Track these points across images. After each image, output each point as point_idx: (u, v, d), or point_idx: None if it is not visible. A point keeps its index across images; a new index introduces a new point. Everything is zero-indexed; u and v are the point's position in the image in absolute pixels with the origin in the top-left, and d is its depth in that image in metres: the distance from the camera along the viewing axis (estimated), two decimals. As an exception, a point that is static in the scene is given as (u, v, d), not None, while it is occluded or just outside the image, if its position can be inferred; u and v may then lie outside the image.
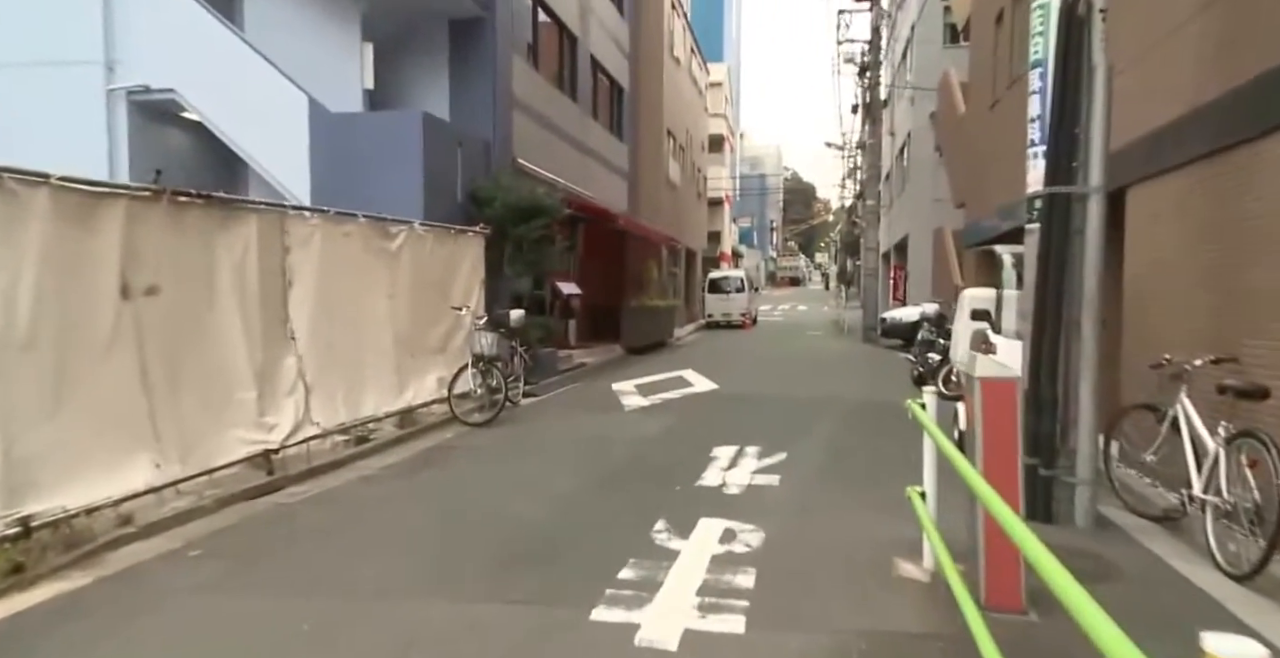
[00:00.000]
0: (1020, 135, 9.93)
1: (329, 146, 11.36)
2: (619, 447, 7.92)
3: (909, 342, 21.34)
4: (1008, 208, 13.06)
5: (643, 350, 18.95)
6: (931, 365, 12.73)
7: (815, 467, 7.08)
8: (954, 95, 17.39)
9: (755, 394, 11.88)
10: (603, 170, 20.47)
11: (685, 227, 30.81)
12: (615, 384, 12.71)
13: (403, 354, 8.59)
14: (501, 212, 12.41)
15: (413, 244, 8.81)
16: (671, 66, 26.76)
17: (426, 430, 8.62)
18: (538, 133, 15.69)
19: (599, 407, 10.58)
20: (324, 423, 7.16)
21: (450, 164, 12.23)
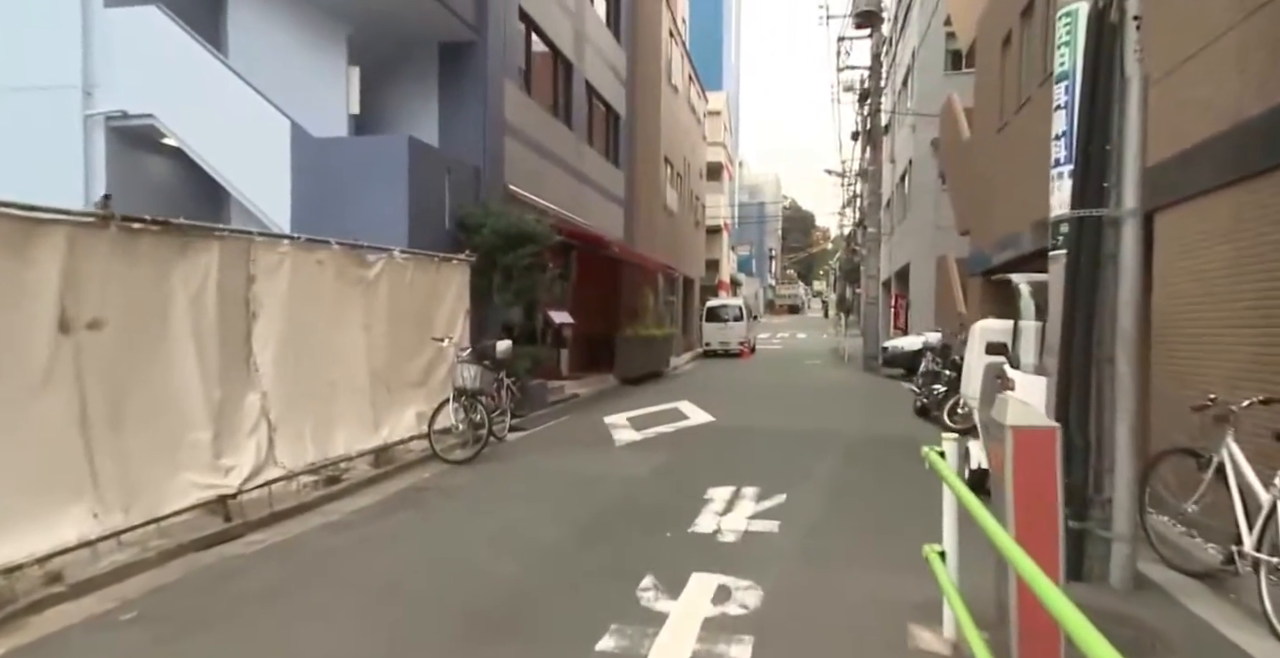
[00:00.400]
0: (1031, 159, 9.52)
1: (312, 172, 10.97)
2: (607, 487, 7.39)
3: (911, 371, 20.85)
4: (1007, 239, 12.66)
5: (638, 381, 18.44)
6: (936, 397, 12.23)
7: (817, 510, 6.56)
8: (958, 121, 17.08)
9: (753, 427, 11.36)
10: (598, 197, 20.12)
11: (683, 254, 30.45)
12: (607, 417, 12.19)
13: (379, 388, 8.10)
14: (490, 239, 11.99)
15: (392, 272, 8.35)
16: (669, 94, 26.57)
17: (404, 469, 8.09)
18: (531, 159, 15.33)
19: (588, 442, 10.06)
20: (290, 464, 6.64)
21: (438, 190, 11.84)
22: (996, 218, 13.16)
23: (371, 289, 8.05)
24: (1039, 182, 10.87)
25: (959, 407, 11.41)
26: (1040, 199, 10.57)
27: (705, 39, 55.71)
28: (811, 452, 9.36)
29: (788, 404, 14.69)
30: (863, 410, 13.93)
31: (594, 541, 5.73)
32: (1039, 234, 10.46)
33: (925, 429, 11.44)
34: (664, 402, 14.33)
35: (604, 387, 16.78)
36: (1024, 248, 11.40)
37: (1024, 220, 11.26)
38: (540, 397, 12.90)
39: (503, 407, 10.06)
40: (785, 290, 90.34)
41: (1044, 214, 10.27)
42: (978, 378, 7.13)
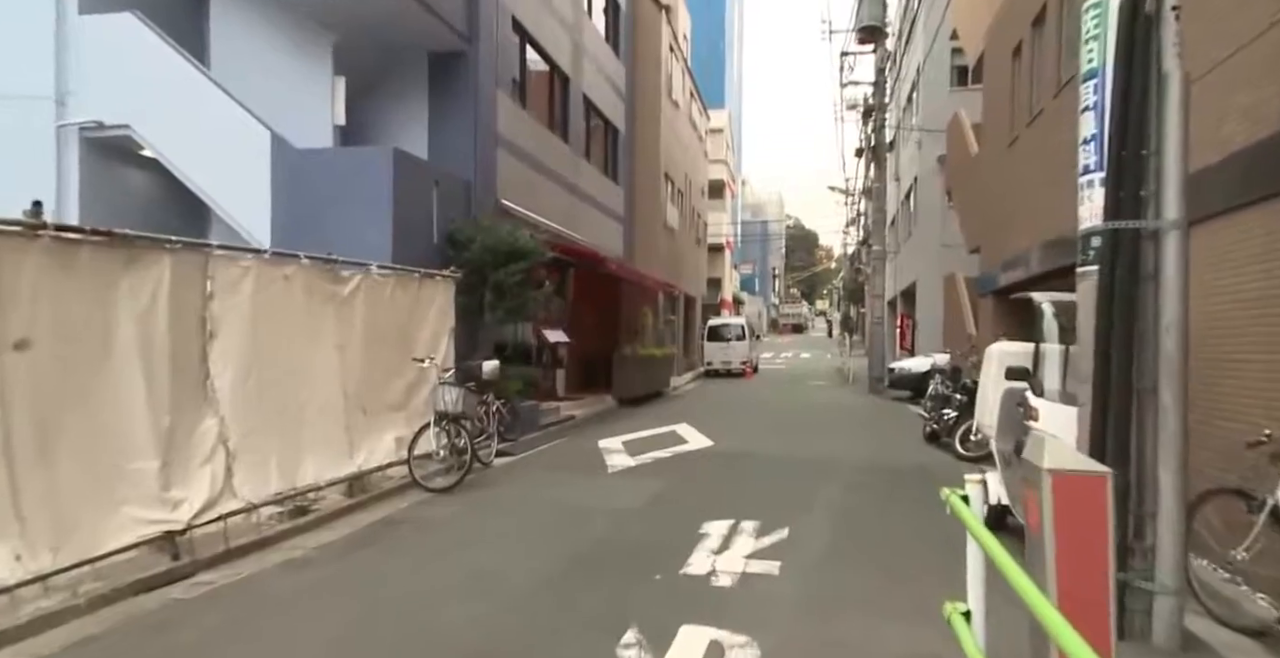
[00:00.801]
0: (1045, 174, 9.04)
1: (292, 185, 10.53)
2: (596, 520, 6.85)
3: (918, 394, 20.29)
4: (1020, 256, 12.17)
5: (637, 402, 17.91)
6: (947, 423, 11.69)
7: (822, 549, 6.01)
8: (965, 136, 16.65)
9: (754, 453, 10.82)
10: (596, 214, 19.70)
11: (684, 272, 30.01)
12: (602, 441, 11.66)
13: (354, 412, 7.59)
14: (480, 254, 11.54)
15: (369, 289, 7.87)
16: (670, 110, 26.23)
17: (380, 498, 7.56)
18: (525, 173, 14.91)
19: (580, 468, 9.52)
20: (250, 495, 6.12)
21: (425, 204, 11.39)
22: (1009, 235, 12.68)
23: (346, 306, 7.56)
24: (1054, 197, 10.37)
25: (971, 433, 10.86)
26: (1055, 215, 10.06)
27: (708, 56, 55.64)
28: (815, 481, 8.82)
29: (790, 428, 14.15)
30: (869, 435, 13.38)
31: (575, 584, 5.19)
32: (1052, 252, 9.97)
33: (935, 457, 10.90)
34: (662, 425, 13.79)
35: (601, 408, 16.26)
36: (1035, 268, 10.91)
37: (1038, 237, 10.79)
38: (532, 419, 12.38)
39: (489, 431, 9.54)
40: (789, 309, 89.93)
41: (1059, 231, 9.75)
42: (995, 405, 6.61)
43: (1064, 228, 10.03)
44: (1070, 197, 8.73)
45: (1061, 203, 10.13)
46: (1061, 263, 9.93)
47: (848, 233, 52.00)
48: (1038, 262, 10.90)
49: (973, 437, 10.84)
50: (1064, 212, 10.31)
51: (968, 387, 11.57)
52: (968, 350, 13.37)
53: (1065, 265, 9.99)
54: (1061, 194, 10.11)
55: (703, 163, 35.39)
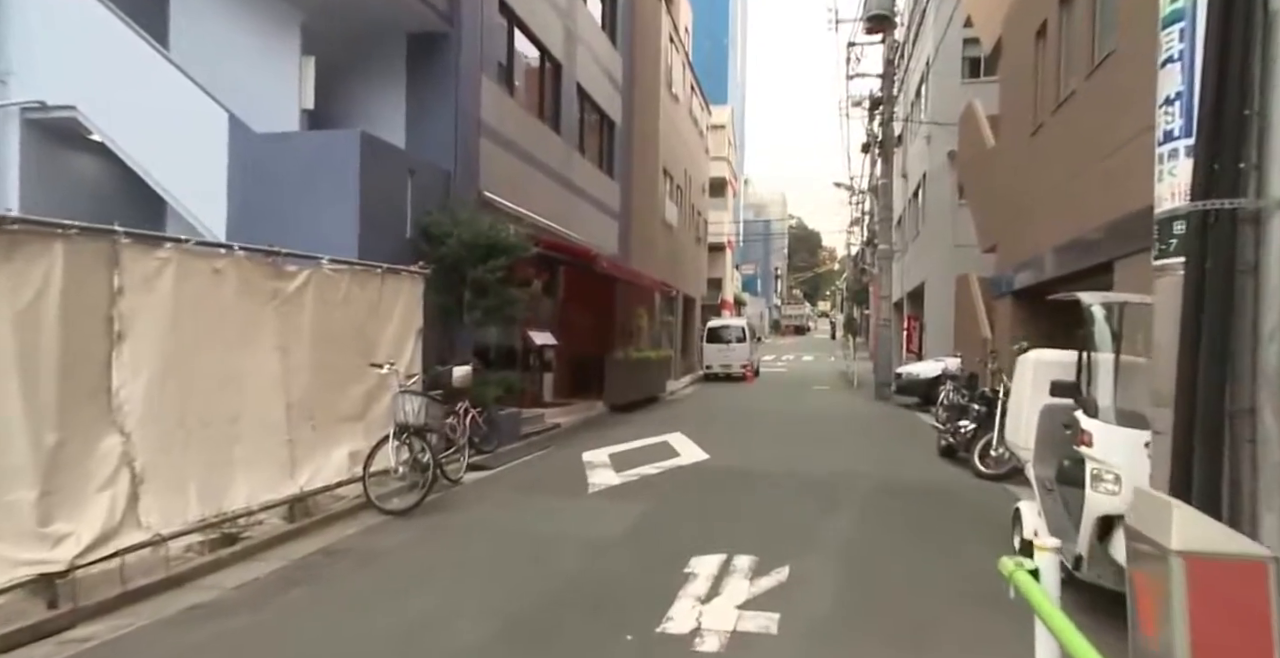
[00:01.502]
0: (1074, 162, 8.13)
1: (251, 174, 9.65)
2: (566, 554, 5.96)
3: (927, 401, 19.36)
4: (1034, 259, 11.28)
5: (629, 408, 17.02)
6: (964, 436, 10.76)
7: (831, 595, 5.11)
8: (981, 128, 15.76)
9: (752, 470, 9.92)
10: (591, 210, 18.81)
11: (683, 272, 29.11)
12: (587, 453, 10.76)
13: (299, 424, 6.70)
14: (457, 249, 10.65)
15: (320, 285, 6.98)
16: (669, 103, 25.34)
17: (326, 523, 6.67)
18: (511, 165, 14.03)
19: (557, 487, 8.63)
20: (160, 524, 5.24)
21: (398, 194, 10.51)
22: (1029, 233, 11.78)
23: (291, 305, 6.67)
24: (1084, 188, 9.49)
25: (992, 448, 9.97)
26: (1084, 209, 9.17)
27: (710, 52, 54.81)
28: (821, 504, 7.92)
29: (793, 439, 13.24)
30: (878, 448, 12.48)
31: (528, 645, 4.30)
32: (1079, 249, 9.07)
33: (952, 475, 10.00)
34: (654, 434, 12.90)
35: (591, 415, 15.37)
36: (1059, 268, 10.02)
37: (1064, 233, 9.90)
38: (513, 429, 11.50)
39: (459, 443, 8.66)
40: (791, 311, 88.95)
41: (1087, 226, 8.86)
42: (1031, 423, 5.71)
43: (1092, 223, 9.16)
44: (1100, 187, 7.86)
45: (1092, 195, 9.26)
46: (1090, 261, 9.04)
47: (851, 232, 51.14)
48: (1064, 260, 10.01)
49: (993, 452, 9.96)
50: (1095, 205, 9.44)
51: (987, 396, 10.67)
52: (986, 356, 12.45)
53: (1095, 264, 9.11)
54: (1091, 185, 9.25)
55: (703, 159, 34.50)
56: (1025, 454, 5.85)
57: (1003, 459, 9.88)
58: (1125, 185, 8.12)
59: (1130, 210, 7.88)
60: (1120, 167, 8.29)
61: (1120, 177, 8.28)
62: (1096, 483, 4.43)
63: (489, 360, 13.50)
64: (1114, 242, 8.36)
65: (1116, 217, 8.27)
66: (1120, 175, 8.28)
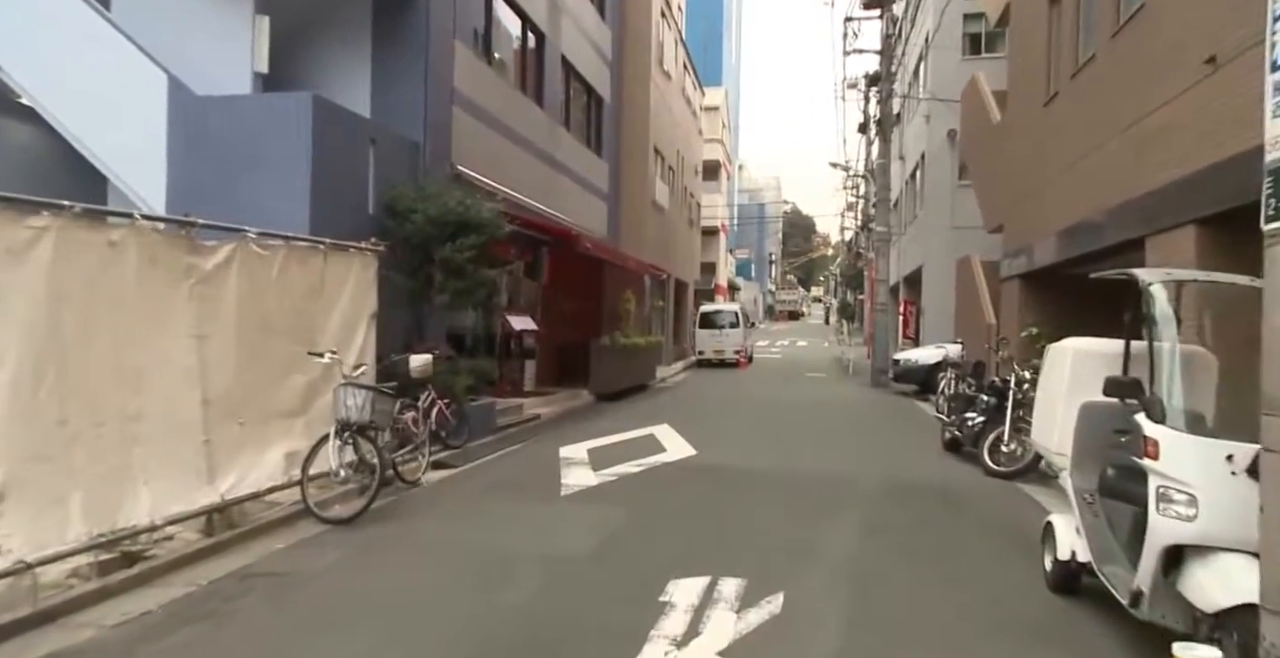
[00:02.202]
0: (1096, 131, 7.29)
1: (194, 140, 8.75)
2: (524, 577, 5.11)
3: (925, 388, 18.57)
4: (1041, 241, 10.43)
5: (616, 396, 16.17)
6: (972, 429, 9.93)
7: (835, 635, 4.27)
8: (985, 103, 14.86)
9: (742, 467, 9.08)
10: (576, 189, 17.89)
11: (675, 255, 28.21)
12: (565, 448, 9.91)
13: (221, 423, 5.82)
14: (423, 227, 9.76)
15: (247, 263, 6.08)
16: (661, 80, 24.35)
17: (252, 536, 5.80)
18: (489, 138, 13.10)
19: (527, 489, 7.78)
20: (25, 547, 4.36)
21: (358, 166, 9.61)
22: (1042, 210, 10.93)
23: (211, 285, 5.77)
24: (1108, 156, 8.60)
25: (1003, 443, 9.16)
26: (1107, 182, 8.30)
27: (705, 34, 53.63)
28: (819, 510, 7.09)
29: (788, 431, 12.40)
30: (878, 441, 11.67)
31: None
32: (1106, 225, 8.21)
33: (961, 472, 9.19)
34: (640, 426, 12.05)
35: (574, 405, 14.53)
36: (1080, 247, 9.17)
37: (1084, 210, 9.04)
38: (486, 421, 10.65)
39: (417, 441, 7.79)
40: (785, 296, 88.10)
41: (1111, 200, 7.99)
42: (1067, 424, 4.86)
43: (1118, 197, 8.31)
44: (1128, 156, 7.00)
45: (1118, 166, 8.41)
46: (1115, 239, 8.19)
47: (846, 217, 50.29)
48: (1083, 238, 9.16)
49: (1004, 447, 9.15)
50: (1122, 176, 8.57)
51: (996, 387, 9.84)
52: (994, 343, 11.61)
53: (1122, 241, 8.25)
54: (1117, 155, 8.39)
55: (696, 141, 33.53)
56: (1059, 460, 5.01)
57: (1015, 456, 9.07)
58: (1160, 152, 7.26)
59: (1166, 180, 7.02)
60: (1154, 132, 7.42)
61: (1154, 143, 7.42)
62: (1164, 505, 3.59)
63: (464, 347, 12.66)
64: (1145, 216, 7.51)
65: (1149, 188, 7.41)
66: (1154, 142, 7.42)
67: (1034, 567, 5.18)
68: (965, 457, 9.95)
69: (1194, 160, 6.37)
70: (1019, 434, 9.15)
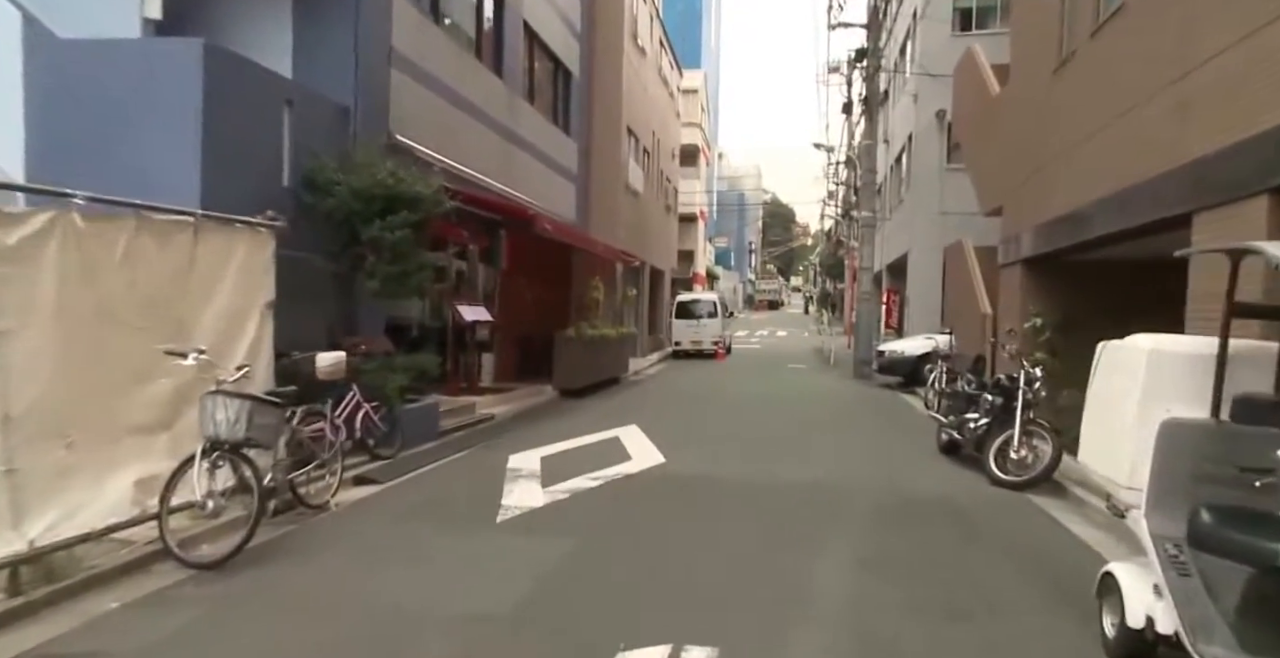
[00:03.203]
0: (1122, 95, 6.02)
1: (61, 93, 7.32)
2: (425, 650, 3.85)
3: (910, 380, 17.48)
4: (1053, 222, 9.26)
5: (583, 392, 14.89)
6: (973, 432, 8.76)
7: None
8: (983, 76, 13.67)
9: (716, 479, 7.85)
10: (540, 168, 16.53)
11: (651, 243, 26.91)
12: (516, 456, 8.65)
13: (31, 445, 4.45)
14: (347, 201, 8.43)
15: (74, 238, 4.71)
16: (635, 55, 22.98)
17: (75, 592, 4.44)
18: (436, 107, 11.75)
19: (457, 513, 6.49)
20: None
21: (268, 129, 8.24)
22: (1056, 187, 9.75)
23: (18, 265, 4.42)
24: (1141, 122, 7.40)
25: (1011, 448, 7.98)
26: (1146, 147, 7.09)
27: (684, 15, 52.24)
28: (805, 537, 5.87)
29: (767, 431, 11.19)
30: (867, 442, 10.48)
31: None
32: (1145, 198, 7.00)
33: (965, 481, 8.02)
34: (605, 427, 10.80)
35: (535, 402, 13.24)
36: (1085, 232, 7.99)
37: (1114, 182, 7.85)
38: (427, 425, 9.35)
39: (326, 455, 6.49)
40: (765, 285, 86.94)
41: (1143, 172, 6.79)
42: (1140, 449, 3.64)
43: (1155, 168, 7.13)
44: (1165, 122, 5.79)
45: (1155, 132, 7.24)
46: (1151, 216, 7.00)
47: (826, 204, 49.16)
48: (1109, 217, 7.98)
49: (1014, 453, 7.97)
50: (1160, 144, 7.37)
51: (1003, 385, 8.67)
52: (1000, 335, 10.42)
53: (1159, 219, 7.07)
54: (1153, 120, 7.21)
55: (674, 123, 32.19)
56: (1129, 495, 3.79)
57: (1025, 463, 7.91)
58: (1217, 110, 6.06)
59: (1226, 143, 5.82)
60: (1207, 86, 6.22)
61: (1207, 99, 6.21)
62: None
63: (410, 341, 11.36)
64: (1194, 188, 6.32)
65: (1199, 154, 6.22)
66: (1208, 97, 6.21)
67: (1082, 626, 4.00)
68: (965, 462, 8.81)
69: (1271, 114, 5.17)
70: (1030, 439, 8.00)
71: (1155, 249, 8.59)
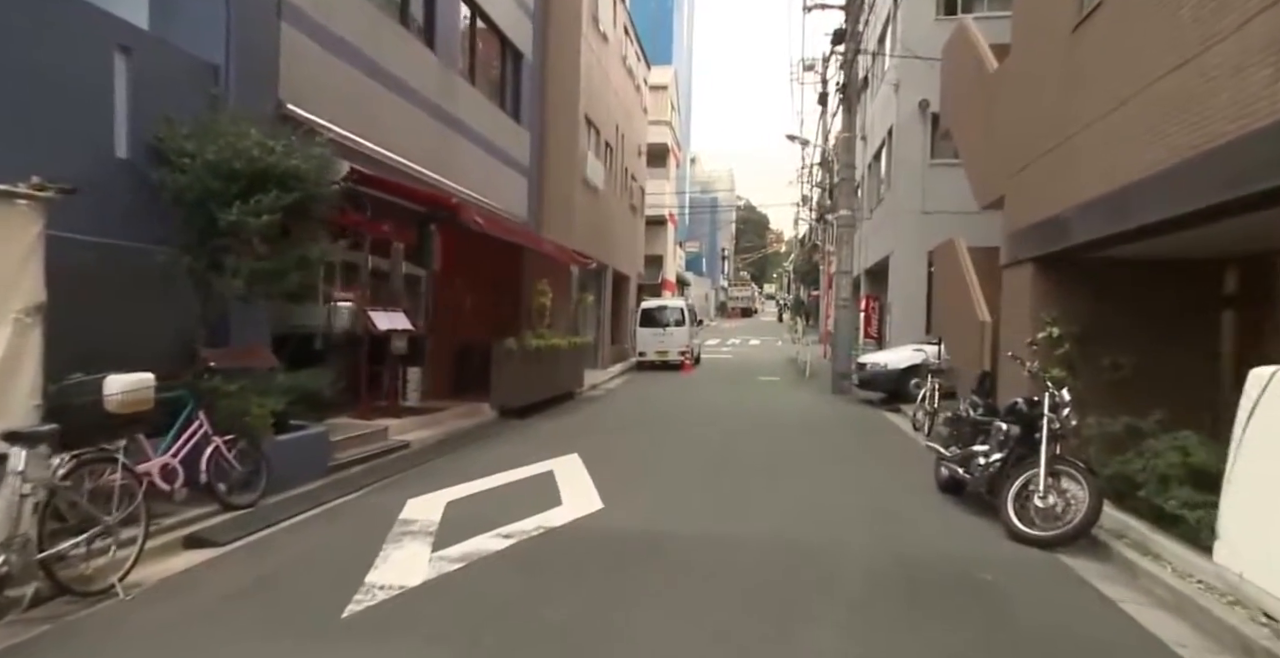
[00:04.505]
0: (1173, 46, 3.77)
1: None
2: None
3: (894, 397, 15.90)
4: (1077, 211, 7.64)
5: (528, 411, 13.10)
6: (983, 470, 7.07)
7: None
8: (978, 51, 12.08)
9: (662, 537, 6.10)
10: (483, 157, 14.76)
11: (614, 244, 25.18)
12: (415, 500, 6.86)
13: None
14: (202, 177, 6.62)
15: None
16: (595, 40, 21.27)
17: None
18: (346, 76, 9.96)
19: (299, 599, 4.66)
20: None
21: (92, 83, 6.41)
22: (1077, 167, 8.15)
23: None
24: (1204, 77, 5.69)
25: (1035, 493, 6.31)
26: (1211, 104, 5.41)
27: (655, 13, 50.72)
28: (781, 636, 4.14)
29: (732, 464, 9.45)
30: (851, 479, 8.76)
31: None
32: (1256, 162, 5.32)
33: (977, 534, 6.36)
34: (541, 456, 9.05)
35: (467, 425, 11.42)
36: (1185, 203, 6.35)
37: (1169, 154, 6.23)
38: (312, 460, 7.54)
39: (116, 518, 4.65)
40: (738, 292, 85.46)
41: (1242, 124, 5.10)
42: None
43: (1224, 130, 5.54)
44: (1245, 72, 3.78)
45: (1212, 89, 5.65)
46: (1234, 192, 5.35)
47: (800, 207, 47.79)
48: (1159, 199, 6.36)
49: (1039, 500, 6.31)
50: (1221, 102, 5.73)
51: (1020, 411, 7.03)
52: (1024, 349, 8.77)
53: (1234, 199, 5.45)
54: (1212, 75, 5.62)
55: (640, 118, 30.50)
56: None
57: (1054, 513, 6.24)
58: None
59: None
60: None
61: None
62: None
63: (312, 354, 9.57)
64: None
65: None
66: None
67: None
68: (972, 504, 7.17)
69: None
70: (1058, 481, 6.35)
71: (1214, 239, 7.01)
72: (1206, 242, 6.87)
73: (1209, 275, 8.58)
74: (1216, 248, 7.57)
